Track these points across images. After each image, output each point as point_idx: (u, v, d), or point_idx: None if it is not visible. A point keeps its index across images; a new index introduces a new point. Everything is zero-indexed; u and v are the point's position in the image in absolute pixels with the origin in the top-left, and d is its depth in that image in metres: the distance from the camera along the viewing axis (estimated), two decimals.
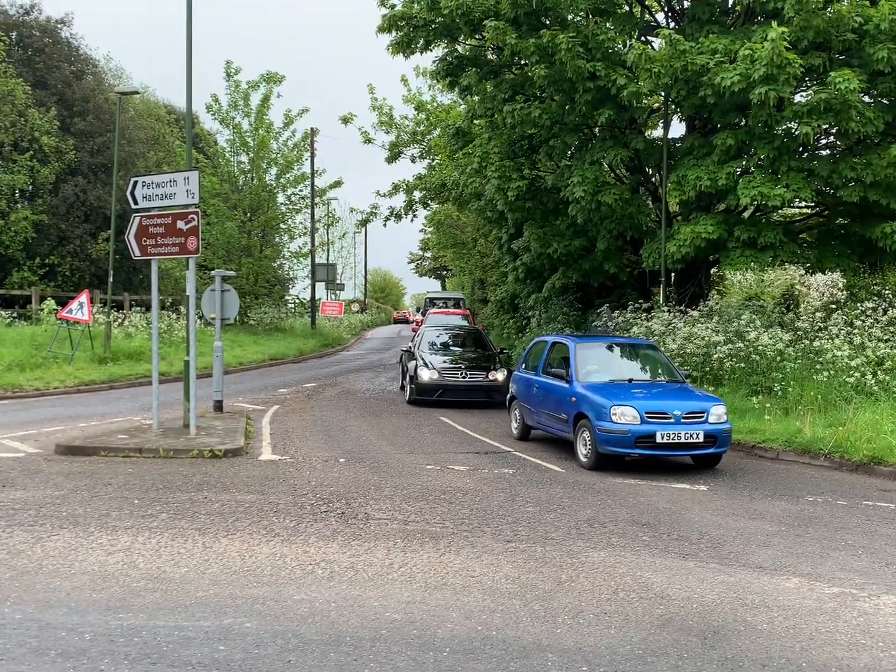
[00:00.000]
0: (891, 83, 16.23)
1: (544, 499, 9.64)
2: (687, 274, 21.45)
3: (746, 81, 15.31)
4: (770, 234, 17.58)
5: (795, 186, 16.57)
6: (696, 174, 17.34)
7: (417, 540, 7.75)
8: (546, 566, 7.06)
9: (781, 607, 6.19)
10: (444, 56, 21.97)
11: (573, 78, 17.91)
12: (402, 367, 20.51)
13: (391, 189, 33.06)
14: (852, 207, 18.13)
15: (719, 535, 8.23)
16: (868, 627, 5.84)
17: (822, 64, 16.14)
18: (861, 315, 15.94)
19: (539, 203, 21.98)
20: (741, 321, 17.12)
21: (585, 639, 5.52)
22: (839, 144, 18.62)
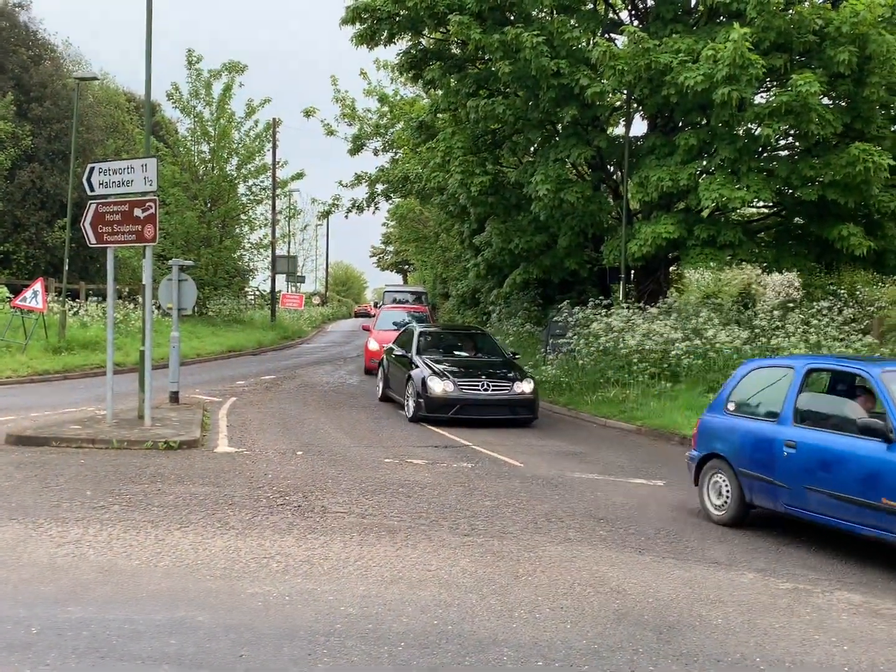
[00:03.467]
0: (850, 85, 16.44)
1: (502, 493, 9.63)
2: (647, 271, 21.59)
3: (709, 81, 15.43)
4: (729, 233, 17.75)
5: (756, 187, 16.73)
6: (657, 175, 17.43)
7: (374, 534, 7.69)
8: (503, 560, 7.04)
9: (737, 603, 6.23)
10: (409, 49, 21.88)
11: (537, 75, 17.91)
12: (383, 371, 17.62)
13: (353, 181, 32.90)
14: (810, 207, 18.35)
15: (676, 530, 8.28)
16: (821, 623, 5.89)
17: (784, 65, 16.31)
18: (817, 314, 16.15)
19: (502, 198, 21.98)
20: (699, 319, 17.27)
21: (541, 633, 5.51)
22: (798, 145, 18.82)
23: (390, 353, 17.35)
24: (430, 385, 14.69)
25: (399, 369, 16.34)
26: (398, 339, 17.79)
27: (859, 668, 5.16)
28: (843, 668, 5.15)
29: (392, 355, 17.12)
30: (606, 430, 15.36)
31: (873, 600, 6.37)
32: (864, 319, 16.04)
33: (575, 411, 17.21)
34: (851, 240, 16.86)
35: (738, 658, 5.24)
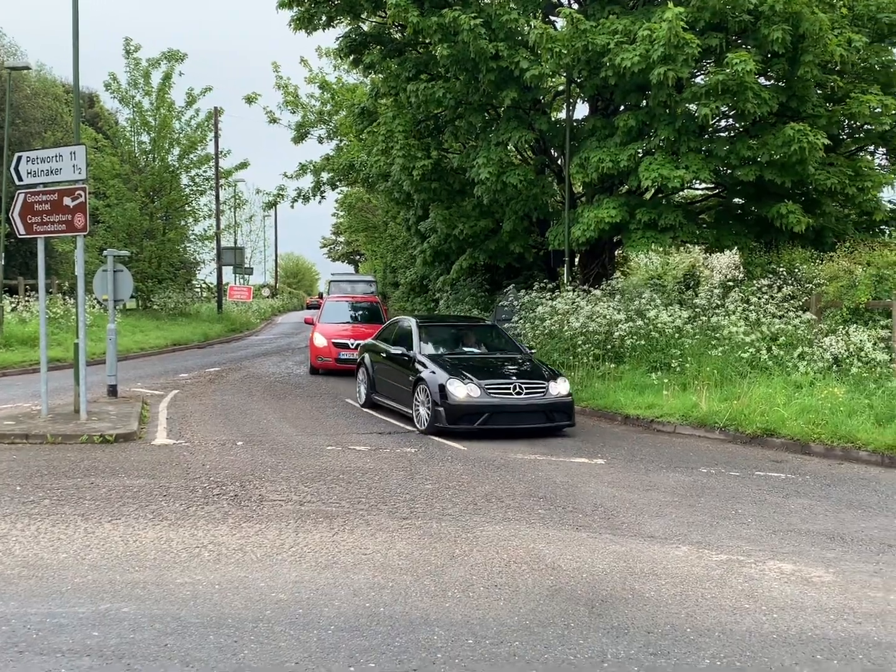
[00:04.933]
0: (785, 64, 16.60)
1: (444, 476, 9.59)
2: (592, 255, 21.67)
3: (646, 62, 15.47)
4: (670, 215, 17.86)
5: (695, 167, 16.85)
6: (598, 156, 17.46)
7: (311, 520, 7.60)
8: (440, 542, 6.99)
9: (670, 575, 6.25)
10: (348, 33, 21.65)
11: (476, 58, 17.82)
12: (367, 373, 15.12)
13: (298, 170, 32.58)
14: (749, 187, 18.54)
15: (613, 506, 8.30)
16: (752, 592, 5.93)
17: (719, 44, 16.40)
18: (757, 292, 16.32)
19: (445, 184, 21.91)
20: (642, 300, 17.37)
21: (474, 612, 5.47)
22: (737, 125, 19.00)
23: (375, 351, 15.02)
24: (450, 390, 12.13)
25: (396, 371, 13.95)
26: (382, 335, 15.42)
27: (788, 635, 5.19)
28: (771, 636, 5.19)
29: (381, 354, 14.67)
30: None
31: (804, 569, 6.44)
32: (803, 296, 16.23)
33: None
34: (790, 217, 17.06)
35: (669, 629, 5.25)
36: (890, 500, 8.76)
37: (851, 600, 5.79)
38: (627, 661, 4.79)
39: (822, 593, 5.92)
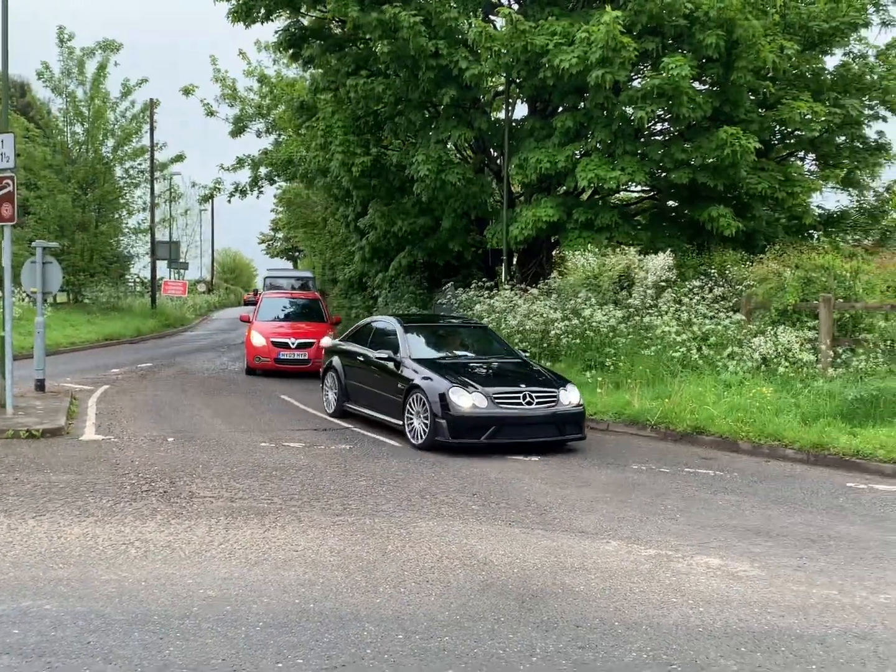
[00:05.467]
0: (719, 69, 16.91)
1: (378, 472, 9.56)
2: (529, 254, 21.82)
3: (584, 64, 15.62)
4: (606, 216, 18.08)
5: (630, 169, 17.07)
6: (536, 157, 17.59)
7: (242, 517, 7.51)
8: (373, 538, 6.97)
9: (599, 569, 6.32)
10: (287, 27, 21.45)
11: (416, 55, 17.81)
12: (337, 379, 13.59)
13: (235, 164, 32.15)
14: (683, 190, 18.84)
15: (546, 502, 8.36)
16: (680, 586, 6.03)
17: (656, 49, 16.65)
18: (689, 293, 16.58)
19: (384, 180, 21.83)
20: (578, 299, 17.52)
21: (405, 607, 5.46)
22: (672, 129, 19.29)
23: (348, 354, 13.59)
24: (453, 400, 10.73)
25: (377, 377, 12.48)
26: (355, 337, 13.96)
27: (713, 628, 5.28)
28: (697, 629, 5.27)
29: (356, 358, 13.25)
30: None
31: (731, 563, 6.56)
32: (733, 297, 16.54)
33: None
34: (721, 221, 17.39)
35: (597, 623, 5.31)
36: (814, 496, 8.98)
37: (776, 594, 5.91)
38: (556, 654, 4.83)
39: (748, 587, 6.04)
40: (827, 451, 10.69)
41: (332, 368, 13.87)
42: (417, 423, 11.20)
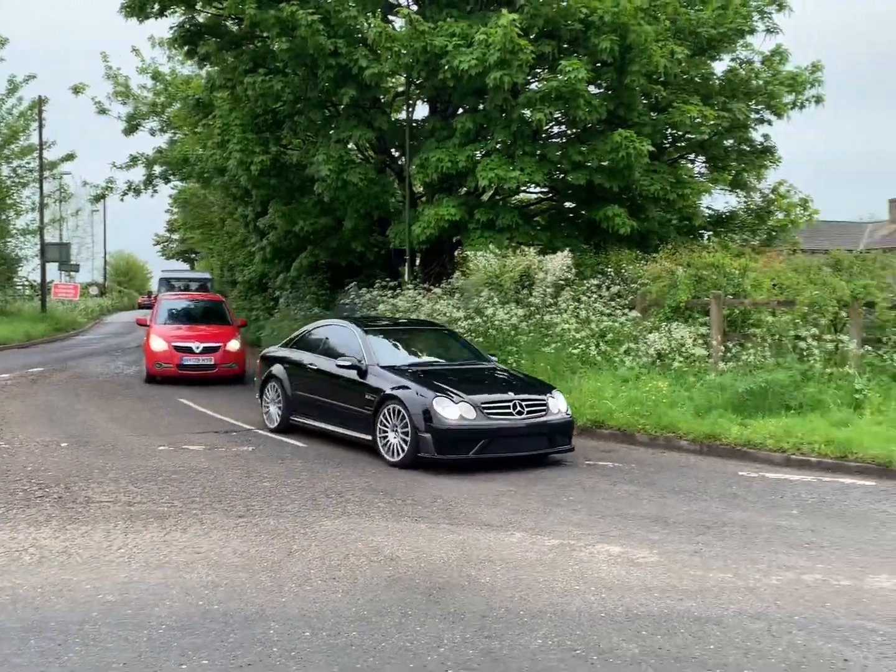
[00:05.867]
0: (614, 73, 17.30)
1: (283, 473, 9.46)
2: (432, 254, 21.89)
3: (482, 66, 15.77)
4: (507, 216, 18.29)
5: (530, 170, 17.31)
6: (437, 156, 17.67)
7: (141, 521, 7.34)
8: (277, 538, 6.90)
9: (505, 561, 6.41)
10: (182, 23, 20.96)
11: (315, 54, 17.65)
12: (282, 390, 12.22)
13: (129, 162, 31.28)
14: (580, 191, 19.20)
15: (452, 497, 8.43)
16: (582, 574, 6.16)
17: (553, 52, 16.93)
18: (587, 292, 16.93)
19: (285, 180, 21.57)
20: (480, 298, 17.69)
21: (311, 605, 5.43)
22: (569, 131, 19.65)
23: (293, 363, 12.29)
24: (438, 411, 9.68)
25: (336, 388, 11.26)
26: (299, 343, 12.60)
27: (615, 614, 5.42)
28: (600, 615, 5.40)
29: (307, 367, 11.93)
30: None
31: (631, 551, 6.74)
32: (629, 295, 16.96)
33: None
34: (616, 220, 17.80)
35: (503, 613, 5.38)
36: (708, 485, 9.29)
37: (674, 579, 6.10)
38: (463, 644, 4.88)
39: (648, 573, 6.21)
40: (719, 441, 11.08)
41: (273, 379, 12.42)
42: (394, 437, 10.00)
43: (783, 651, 4.87)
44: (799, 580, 6.10)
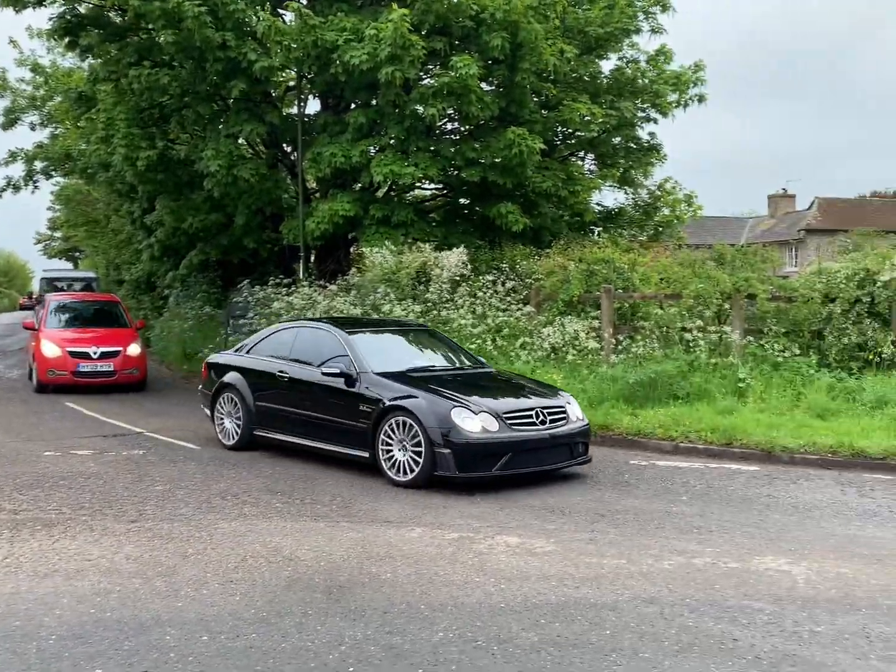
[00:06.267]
0: (505, 70, 17.48)
1: (176, 476, 9.25)
2: (328, 250, 21.71)
3: (374, 61, 15.72)
4: (402, 212, 18.29)
5: (424, 166, 17.34)
6: (330, 151, 17.52)
7: (28, 529, 7.07)
8: (172, 542, 6.75)
9: (405, 556, 6.42)
10: (62, 14, 20.19)
11: (202, 47, 17.24)
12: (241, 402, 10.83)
13: (7, 157, 30.02)
14: (474, 188, 19.34)
15: (351, 495, 8.40)
16: (482, 566, 6.23)
17: (444, 48, 16.99)
18: (482, 287, 17.09)
19: (173, 175, 21.04)
20: (377, 295, 17.66)
21: (208, 609, 5.34)
22: (462, 128, 19.77)
23: (256, 371, 10.87)
24: (458, 423, 8.62)
25: (320, 398, 9.93)
26: (261, 348, 11.19)
27: (514, 603, 5.50)
28: (499, 605, 5.47)
29: (274, 376, 10.54)
30: None
31: (528, 541, 6.85)
32: (524, 290, 17.21)
33: None
34: (510, 217, 18.02)
35: (404, 608, 5.40)
36: (602, 474, 9.51)
37: (570, 567, 6.23)
38: (365, 641, 4.88)
39: (545, 562, 6.33)
40: (612, 431, 11.37)
41: (228, 389, 11.03)
42: (401, 454, 8.86)
43: (675, 633, 5.03)
44: (690, 564, 6.31)
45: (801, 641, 4.92)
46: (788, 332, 13.31)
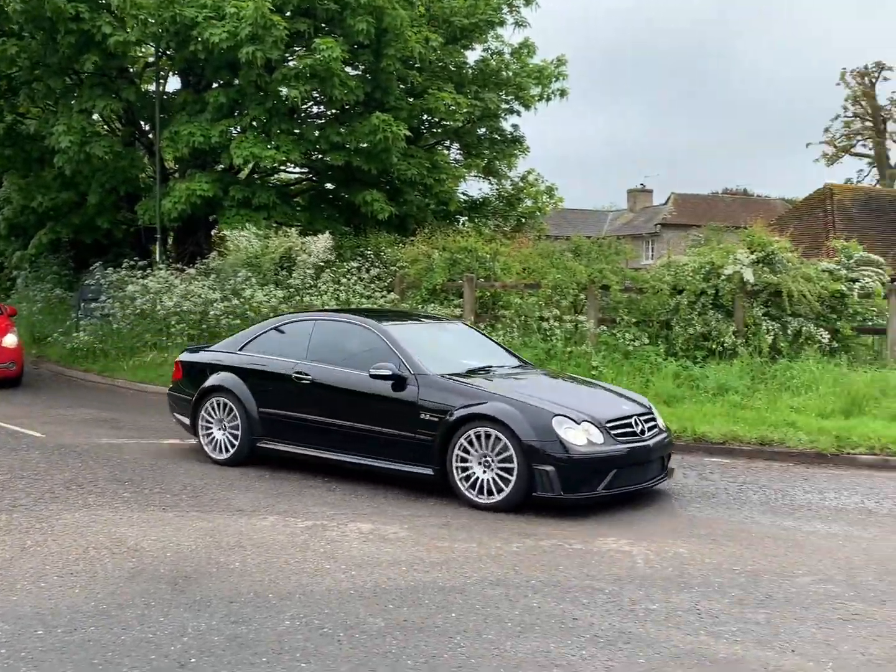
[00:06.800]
0: (370, 56, 17.44)
1: (17, 466, 8.84)
2: (187, 232, 21.16)
3: (234, 39, 15.42)
4: (264, 195, 18.03)
5: (286, 148, 17.13)
6: (189, 130, 17.09)
7: None
8: (10, 534, 6.46)
9: (255, 545, 6.35)
10: None
11: (54, 17, 16.49)
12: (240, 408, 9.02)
13: None
14: (339, 173, 19.24)
15: (203, 484, 8.24)
16: (334, 553, 6.23)
17: (308, 30, 16.81)
18: (347, 273, 17.05)
19: (21, 151, 20.05)
20: (238, 279, 17.35)
21: (45, 602, 5.15)
22: (328, 112, 19.61)
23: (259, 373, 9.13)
24: (562, 435, 7.43)
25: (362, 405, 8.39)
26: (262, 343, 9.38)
27: (364, 590, 5.53)
28: (349, 592, 5.48)
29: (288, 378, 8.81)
30: (144, 395, 14.83)
31: (382, 527, 6.89)
32: (389, 278, 17.27)
33: (111, 378, 16.38)
34: (375, 205, 18.03)
35: (251, 597, 5.35)
36: None
37: (422, 552, 6.30)
38: (208, 632, 4.80)
39: (397, 548, 6.38)
40: None
41: (218, 393, 9.22)
42: (482, 472, 7.56)
43: (519, 614, 5.17)
44: (537, 546, 6.49)
45: (636, 619, 5.14)
46: (639, 322, 13.82)
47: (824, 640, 4.86)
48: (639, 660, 4.59)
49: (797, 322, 13.05)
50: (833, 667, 4.54)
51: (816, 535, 7.00)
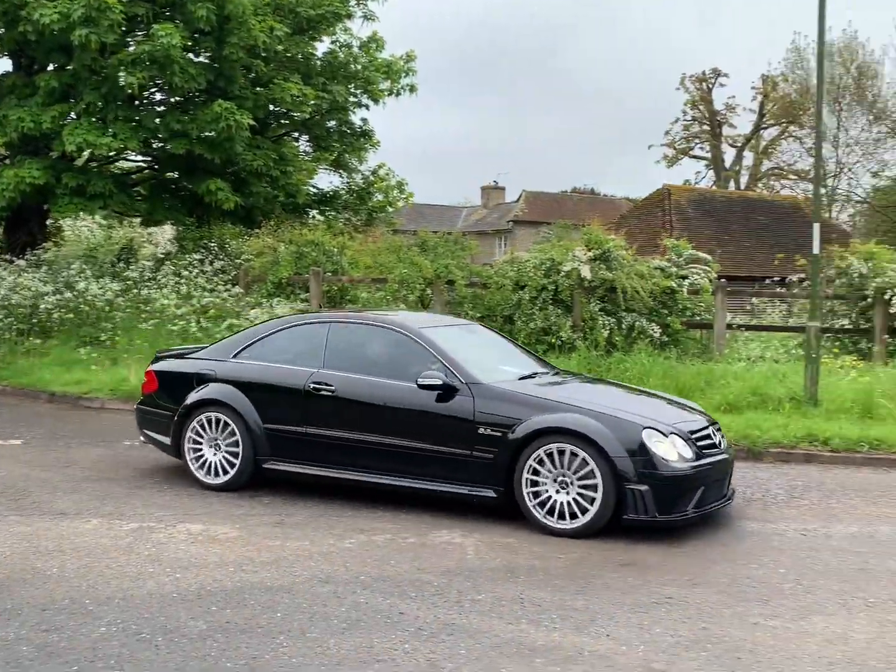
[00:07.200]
0: (212, 43, 16.98)
1: None
2: (18, 222, 20.04)
3: (67, 21, 14.71)
4: (100, 183, 17.28)
5: (123, 136, 16.47)
6: (18, 115, 16.19)
7: None
8: None
9: (76, 549, 6.12)
10: None
11: None
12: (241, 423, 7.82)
13: None
14: (182, 162, 18.65)
15: (25, 486, 7.86)
16: (159, 556, 6.06)
17: (147, 15, 16.23)
18: (189, 266, 16.61)
19: None
20: (71, 271, 16.63)
21: None
22: (169, 99, 18.98)
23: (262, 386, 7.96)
24: (653, 450, 6.68)
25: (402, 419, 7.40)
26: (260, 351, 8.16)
27: (188, 593, 5.40)
28: (171, 595, 5.35)
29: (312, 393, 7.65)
30: None
31: (212, 528, 6.74)
32: (233, 271, 16.93)
33: None
34: (219, 195, 17.57)
35: (67, 603, 5.15)
36: None
37: (252, 552, 6.21)
38: (17, 642, 4.60)
39: (226, 548, 6.27)
40: None
41: (211, 408, 8.01)
42: (558, 494, 6.74)
43: (346, 611, 5.17)
44: (370, 541, 6.50)
45: (461, 610, 5.23)
46: (484, 317, 14.04)
47: (638, 624, 5.08)
48: (460, 650, 4.67)
49: (631, 317, 13.58)
50: (644, 649, 4.75)
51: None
